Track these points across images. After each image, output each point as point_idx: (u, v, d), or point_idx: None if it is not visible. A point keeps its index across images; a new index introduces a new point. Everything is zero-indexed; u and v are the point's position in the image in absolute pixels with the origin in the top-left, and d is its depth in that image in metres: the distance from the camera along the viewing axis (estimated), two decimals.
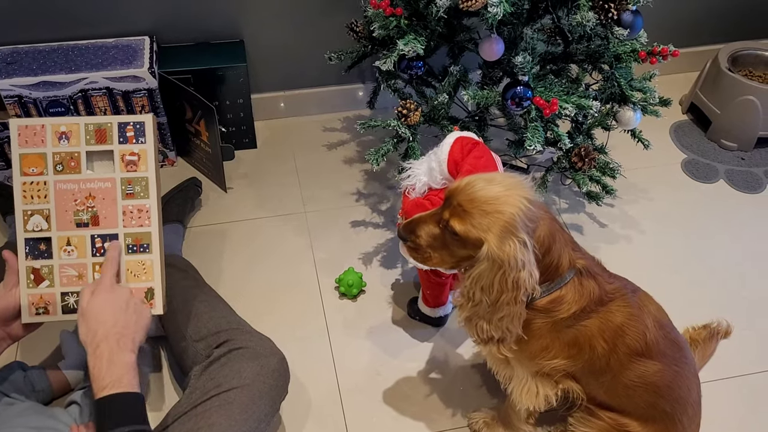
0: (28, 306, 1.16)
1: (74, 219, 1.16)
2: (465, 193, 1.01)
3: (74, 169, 1.16)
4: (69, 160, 1.16)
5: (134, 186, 1.18)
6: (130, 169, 1.18)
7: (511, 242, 0.97)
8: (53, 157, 1.15)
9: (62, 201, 1.16)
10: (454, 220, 1.02)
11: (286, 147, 2.02)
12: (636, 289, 1.17)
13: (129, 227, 1.18)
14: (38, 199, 1.15)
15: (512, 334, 1.07)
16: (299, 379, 1.45)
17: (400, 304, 1.62)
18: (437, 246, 1.08)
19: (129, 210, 1.18)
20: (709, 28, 2.25)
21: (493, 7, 1.32)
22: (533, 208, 1.00)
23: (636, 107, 1.54)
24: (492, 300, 1.02)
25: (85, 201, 1.17)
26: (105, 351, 1.03)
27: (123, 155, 1.17)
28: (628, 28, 1.38)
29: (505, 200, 0.98)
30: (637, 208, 1.89)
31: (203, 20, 1.85)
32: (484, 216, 0.99)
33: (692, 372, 1.20)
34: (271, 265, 1.70)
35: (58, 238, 1.16)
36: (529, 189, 1.02)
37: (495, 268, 0.99)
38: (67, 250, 1.16)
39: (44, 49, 1.74)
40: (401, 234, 1.11)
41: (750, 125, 2.03)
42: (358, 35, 1.68)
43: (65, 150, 1.16)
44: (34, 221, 1.15)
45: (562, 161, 1.60)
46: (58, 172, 1.16)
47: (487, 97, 1.48)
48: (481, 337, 1.09)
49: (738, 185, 1.97)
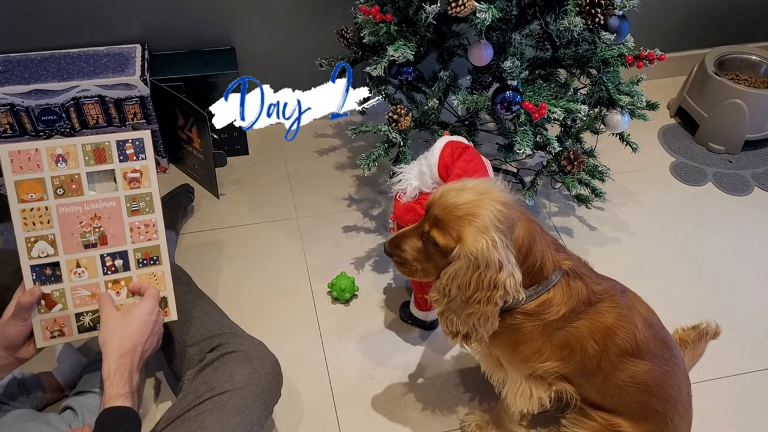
0: (42, 331, 1.14)
1: (81, 241, 1.14)
2: (439, 204, 1.05)
3: (76, 192, 1.14)
4: (70, 183, 1.13)
5: (139, 202, 1.18)
6: (133, 186, 1.17)
7: (483, 240, 1.00)
8: (52, 181, 1.12)
9: (67, 224, 1.13)
10: (434, 231, 1.05)
11: (277, 153, 2.03)
12: (625, 289, 1.18)
13: (137, 242, 1.18)
14: (41, 225, 1.12)
15: (478, 333, 1.08)
16: (293, 383, 1.46)
17: (393, 308, 1.63)
18: (422, 258, 1.11)
19: (136, 226, 1.18)
20: (695, 32, 2.28)
21: (481, 13, 1.34)
22: (507, 211, 1.02)
23: (624, 111, 1.56)
24: (466, 297, 1.05)
25: (90, 222, 1.15)
26: (128, 363, 1.05)
27: (125, 173, 1.16)
28: (615, 33, 1.40)
29: (476, 204, 1.01)
30: (627, 210, 1.90)
31: (194, 28, 1.86)
32: (457, 221, 1.02)
33: (682, 371, 1.22)
34: (264, 271, 1.70)
35: (67, 261, 1.14)
36: (502, 192, 1.04)
37: (472, 266, 1.01)
38: (77, 272, 1.15)
39: (36, 58, 1.74)
40: (387, 250, 1.14)
41: (737, 128, 2.05)
42: (349, 42, 1.69)
43: (64, 173, 1.13)
44: (39, 247, 1.12)
45: (551, 165, 1.62)
46: (60, 196, 1.13)
47: (476, 102, 1.49)
48: (449, 330, 1.11)
49: (726, 187, 1.99)
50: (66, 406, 1.24)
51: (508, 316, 1.12)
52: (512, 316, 1.12)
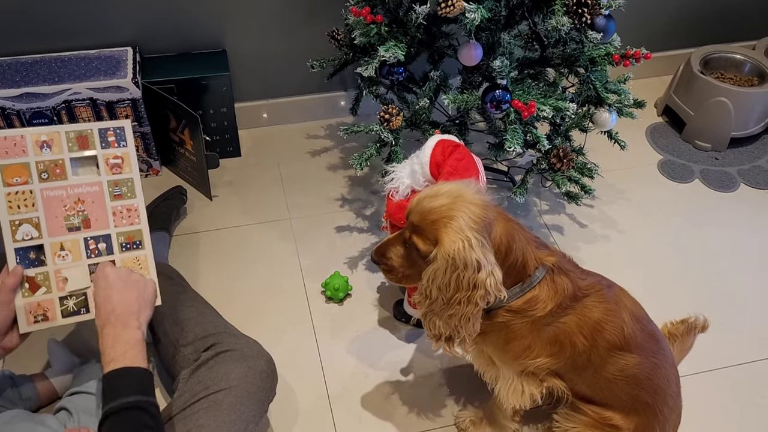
0: (25, 315, 1.15)
1: (65, 224, 1.18)
2: (416, 211, 1.07)
3: (60, 176, 1.18)
4: (54, 168, 1.17)
5: (121, 187, 1.21)
6: (115, 171, 1.21)
7: (460, 241, 1.01)
8: (37, 165, 1.16)
9: (51, 208, 1.17)
10: (414, 237, 1.07)
11: (270, 155, 2.04)
12: (611, 284, 1.20)
13: (120, 227, 1.21)
14: (25, 208, 1.16)
15: (460, 334, 1.09)
16: (288, 382, 1.46)
17: (386, 306, 1.64)
18: (407, 265, 1.13)
19: (119, 210, 1.21)
20: (681, 32, 2.31)
21: (470, 14, 1.36)
22: (482, 212, 1.04)
23: (611, 109, 1.58)
24: (447, 298, 1.06)
25: (74, 206, 1.18)
26: (110, 332, 1.06)
27: (107, 159, 1.21)
28: (602, 32, 1.42)
29: (450, 207, 1.03)
30: (616, 208, 1.93)
31: (185, 30, 1.87)
32: (433, 225, 1.04)
33: (670, 363, 1.23)
34: (258, 272, 1.71)
35: (51, 244, 1.17)
36: (477, 194, 1.06)
37: (450, 267, 1.03)
38: (61, 255, 1.17)
39: (27, 61, 1.74)
40: (374, 258, 1.16)
41: (723, 126, 2.08)
42: (340, 43, 1.71)
43: (48, 158, 1.17)
44: (23, 230, 1.15)
45: (541, 163, 1.64)
46: (44, 180, 1.17)
47: (467, 101, 1.51)
48: (432, 333, 1.12)
49: (713, 184, 2.02)
50: (60, 407, 1.23)
51: (495, 314, 1.14)
52: (500, 315, 1.13)
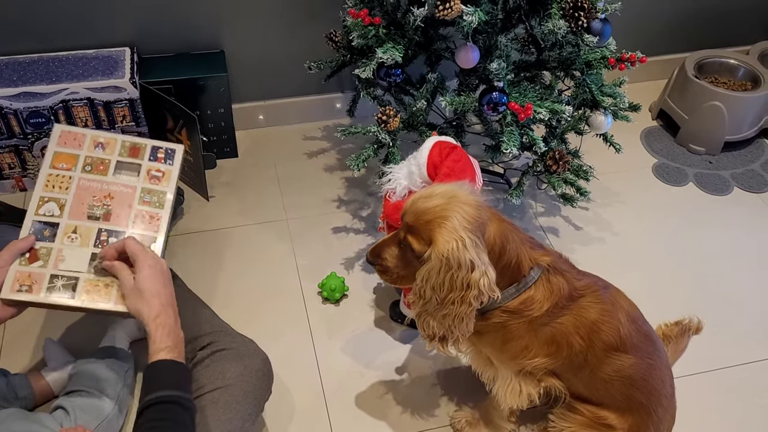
0: (12, 282, 1.13)
1: (87, 212, 1.21)
2: (411, 211, 1.08)
3: (102, 172, 1.24)
4: (99, 164, 1.24)
5: (152, 196, 1.25)
6: (153, 182, 1.26)
7: (453, 241, 1.02)
8: (85, 159, 1.24)
9: (81, 195, 1.21)
10: (409, 237, 1.08)
11: (267, 156, 2.04)
12: (607, 285, 1.21)
13: (138, 230, 1.22)
14: (59, 189, 1.21)
15: (453, 335, 1.10)
16: (284, 382, 1.47)
17: (382, 307, 1.65)
18: (402, 265, 1.14)
19: (141, 214, 1.23)
20: (676, 37, 2.33)
21: (468, 16, 1.37)
22: (476, 212, 1.05)
23: (607, 112, 1.59)
24: (441, 298, 1.06)
25: (102, 199, 1.22)
26: (165, 320, 1.06)
27: (149, 170, 1.26)
28: (598, 36, 1.43)
29: (444, 207, 1.04)
30: (611, 210, 1.94)
31: (184, 31, 1.87)
32: (427, 225, 1.05)
33: (665, 364, 1.24)
34: (254, 272, 1.71)
35: (66, 225, 1.19)
36: (470, 195, 1.07)
37: (444, 267, 1.03)
38: (71, 237, 1.18)
39: (24, 61, 1.74)
40: (369, 259, 1.17)
41: (717, 130, 2.10)
42: (337, 45, 1.71)
43: (98, 156, 1.25)
44: (47, 207, 1.19)
45: (537, 165, 1.65)
46: (86, 172, 1.23)
47: (464, 103, 1.52)
48: (426, 333, 1.13)
49: (706, 188, 2.03)
50: (57, 406, 1.23)
51: (492, 315, 1.14)
52: (497, 315, 1.14)
